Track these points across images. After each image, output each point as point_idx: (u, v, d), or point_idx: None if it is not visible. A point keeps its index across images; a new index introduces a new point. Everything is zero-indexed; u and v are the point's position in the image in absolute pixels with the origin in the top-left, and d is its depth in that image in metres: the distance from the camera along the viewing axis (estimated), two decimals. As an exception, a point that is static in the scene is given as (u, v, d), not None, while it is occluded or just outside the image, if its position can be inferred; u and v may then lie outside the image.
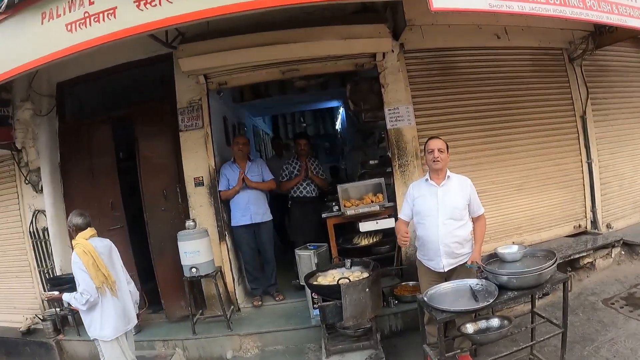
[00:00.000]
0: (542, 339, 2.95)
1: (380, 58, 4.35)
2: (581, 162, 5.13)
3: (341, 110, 8.59)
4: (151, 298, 4.66)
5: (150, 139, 4.39)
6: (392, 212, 4.45)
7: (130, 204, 4.73)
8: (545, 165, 4.96)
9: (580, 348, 3.19)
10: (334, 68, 4.49)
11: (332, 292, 3.22)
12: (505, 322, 2.86)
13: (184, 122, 4.37)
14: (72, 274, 4.11)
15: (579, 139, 5.15)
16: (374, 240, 4.68)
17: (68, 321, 4.46)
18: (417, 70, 4.59)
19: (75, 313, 4.17)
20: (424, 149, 3.17)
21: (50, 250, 4.66)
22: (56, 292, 3.32)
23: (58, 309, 4.29)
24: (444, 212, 3.00)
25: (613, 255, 4.72)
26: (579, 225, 5.13)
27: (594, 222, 5.13)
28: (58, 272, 4.57)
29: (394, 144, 4.45)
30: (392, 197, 4.57)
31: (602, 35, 4.75)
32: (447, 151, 3.11)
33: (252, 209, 4.50)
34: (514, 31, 4.71)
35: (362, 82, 4.82)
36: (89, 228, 3.13)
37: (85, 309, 2.97)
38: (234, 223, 4.54)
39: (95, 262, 2.95)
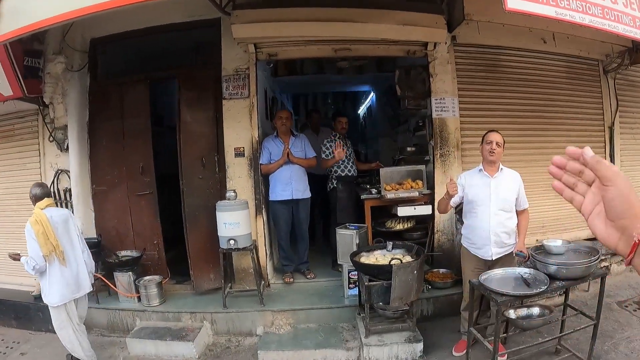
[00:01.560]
0: (574, 329, 3.48)
1: (431, 48, 4.76)
2: None
3: (371, 95, 8.96)
4: (174, 268, 4.93)
5: (191, 104, 4.58)
6: (429, 200, 4.93)
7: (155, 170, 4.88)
8: None
9: (600, 343, 3.64)
10: (386, 52, 4.86)
11: (381, 272, 3.58)
12: (546, 310, 3.40)
13: (229, 90, 4.59)
14: (94, 237, 4.48)
15: (605, 148, 5.82)
16: (408, 225, 5.14)
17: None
18: (465, 64, 5.04)
19: (96, 279, 4.35)
20: (482, 140, 3.59)
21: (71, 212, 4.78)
22: (18, 252, 3.56)
23: None
24: (496, 203, 3.44)
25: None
26: None
27: None
28: None
29: (437, 133, 4.89)
30: (428, 184, 5.02)
31: (638, 52, 5.37)
32: (503, 146, 3.52)
33: (293, 184, 4.79)
34: (560, 38, 5.22)
35: (412, 69, 5.22)
36: (46, 198, 3.49)
37: (33, 273, 3.39)
38: (273, 197, 4.82)
39: (45, 231, 3.31)
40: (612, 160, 5.84)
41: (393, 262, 3.60)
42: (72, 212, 4.71)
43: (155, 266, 4.80)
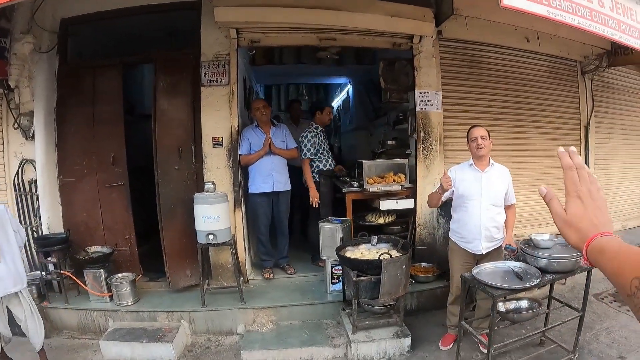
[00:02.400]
0: (561, 322, 3.60)
1: (417, 41, 4.81)
2: None
3: (348, 87, 8.98)
4: (146, 265, 4.74)
5: (168, 90, 4.40)
6: (411, 193, 4.99)
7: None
8: (550, 167, 5.82)
9: (581, 334, 3.71)
10: (371, 43, 4.84)
11: (370, 267, 3.56)
12: (535, 303, 3.49)
13: (208, 77, 4.44)
14: (62, 233, 4.25)
15: (580, 146, 6.10)
16: (389, 219, 5.14)
17: (53, 287, 4.39)
18: (449, 58, 5.13)
19: (64, 277, 4.21)
20: (467, 137, 3.63)
21: (37, 206, 4.51)
22: None
23: (43, 272, 4.21)
24: (487, 197, 3.50)
25: (600, 257, 5.67)
26: None
27: None
28: (45, 231, 4.43)
29: (420, 127, 4.95)
30: (410, 178, 5.07)
31: (616, 55, 5.69)
32: (489, 137, 3.57)
33: (274, 176, 4.71)
34: (543, 37, 5.44)
35: (396, 62, 5.25)
36: None
37: None
38: (253, 190, 4.72)
39: None
40: (587, 158, 6.13)
41: (382, 256, 3.56)
42: (38, 205, 4.50)
43: (127, 263, 4.59)
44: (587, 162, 6.11)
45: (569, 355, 3.47)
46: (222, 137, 4.52)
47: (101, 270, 4.21)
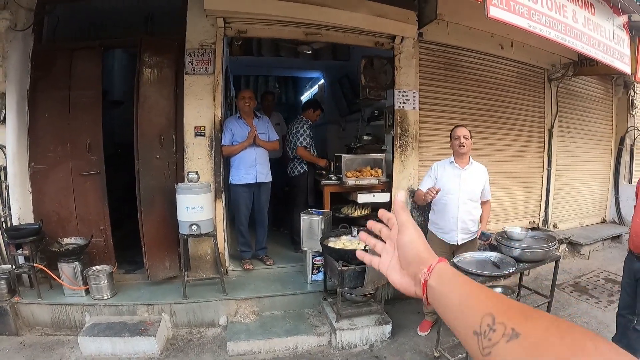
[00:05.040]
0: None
1: (398, 42, 5.22)
2: (543, 168, 6.90)
3: (321, 82, 9.33)
4: (120, 256, 4.80)
5: (151, 76, 4.49)
6: (386, 187, 5.43)
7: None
8: (515, 166, 6.51)
9: None
10: (355, 41, 5.18)
11: (355, 257, 3.85)
12: (509, 290, 3.94)
13: (192, 65, 4.59)
14: (33, 223, 4.24)
15: (544, 148, 6.88)
16: (365, 212, 5.53)
17: (22, 280, 4.35)
18: (427, 60, 5.61)
19: (37, 271, 4.16)
20: (450, 135, 4.07)
21: (6, 195, 4.41)
22: None
23: (13, 266, 4.14)
24: (465, 192, 3.95)
25: (561, 250, 6.34)
26: (534, 222, 6.93)
27: (545, 221, 6.96)
28: (15, 222, 4.38)
29: (398, 124, 5.37)
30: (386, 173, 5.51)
31: (582, 65, 6.47)
32: (471, 138, 4.02)
33: (257, 167, 4.94)
34: (516, 45, 6.10)
35: (374, 60, 5.66)
36: None
37: None
38: (235, 181, 4.92)
39: None
40: (549, 159, 6.88)
41: (368, 247, 3.85)
42: (8, 194, 4.42)
43: (102, 254, 4.64)
44: (549, 163, 6.87)
45: None
46: (204, 127, 4.68)
47: (76, 263, 4.21)
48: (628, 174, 8.48)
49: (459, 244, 4.00)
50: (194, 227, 4.22)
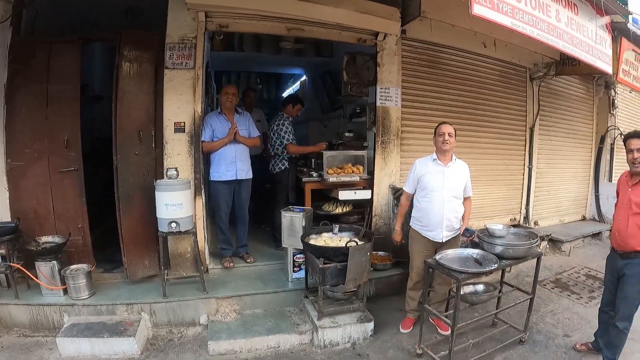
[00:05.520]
0: (515, 303, 4.13)
1: (381, 38, 5.21)
2: (524, 166, 6.99)
3: (303, 78, 9.31)
4: (98, 255, 4.67)
5: (131, 71, 4.39)
6: (368, 184, 5.42)
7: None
8: (497, 164, 6.57)
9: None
10: (338, 37, 5.15)
11: (337, 254, 3.86)
12: (491, 287, 3.92)
13: (172, 59, 4.49)
14: (9, 222, 4.11)
15: (525, 146, 6.98)
16: (346, 209, 5.53)
17: (0, 281, 4.22)
18: (410, 57, 5.62)
19: (14, 270, 4.03)
20: (434, 132, 4.05)
21: None
22: None
23: None
24: (449, 190, 3.94)
25: (542, 247, 6.38)
26: (515, 219, 7.02)
27: (526, 218, 7.08)
28: None
29: (380, 121, 5.38)
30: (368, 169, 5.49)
31: (564, 65, 6.57)
32: (455, 136, 4.00)
33: (238, 164, 4.89)
34: (499, 44, 6.17)
35: (357, 56, 5.65)
36: None
37: None
38: (215, 177, 4.86)
39: None
40: (530, 157, 7.02)
41: (349, 244, 3.86)
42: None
43: (80, 253, 4.51)
44: (530, 161, 6.99)
45: (520, 335, 4.02)
46: (184, 123, 4.59)
47: (54, 262, 4.11)
48: (608, 173, 8.64)
49: (444, 241, 3.99)
50: (173, 225, 4.14)
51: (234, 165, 4.85)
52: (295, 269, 4.70)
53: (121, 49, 4.34)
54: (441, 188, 3.92)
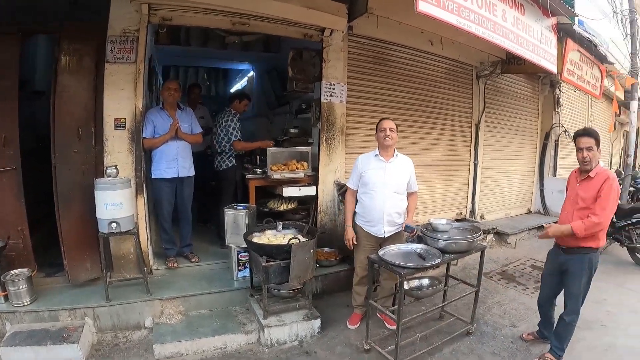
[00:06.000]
0: (460, 296, 4.17)
1: (328, 34, 5.20)
2: (469, 161, 7.22)
3: (251, 74, 9.21)
4: (39, 258, 4.41)
5: (71, 65, 4.18)
6: (313, 181, 5.40)
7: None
8: (443, 159, 6.73)
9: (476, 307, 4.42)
10: (284, 32, 5.08)
11: (280, 252, 3.82)
12: (436, 281, 3.94)
13: (114, 53, 4.30)
14: None
15: (471, 142, 7.18)
16: (291, 206, 5.49)
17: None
18: (356, 54, 5.63)
19: None
20: (376, 128, 4.05)
21: None
22: None
23: None
24: (390, 185, 3.95)
25: (488, 240, 6.57)
26: (461, 213, 7.25)
27: (472, 212, 7.29)
28: None
29: (324, 117, 5.38)
30: (313, 166, 5.49)
31: (510, 64, 6.81)
32: (396, 131, 4.01)
33: (179, 161, 4.76)
34: (445, 42, 6.26)
35: (303, 52, 5.63)
36: None
37: None
38: (156, 175, 4.71)
39: None
40: (476, 153, 7.22)
41: (292, 241, 3.83)
42: None
43: (20, 257, 4.24)
44: (476, 157, 7.21)
45: (467, 326, 4.11)
46: (125, 119, 4.41)
47: (-7, 268, 3.88)
48: (552, 168, 8.99)
49: (386, 236, 4.00)
50: (114, 225, 3.97)
51: (175, 162, 4.72)
52: (240, 267, 4.63)
53: (61, 42, 4.13)
54: (382, 184, 3.93)
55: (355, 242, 4.09)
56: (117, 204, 3.95)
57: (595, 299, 4.78)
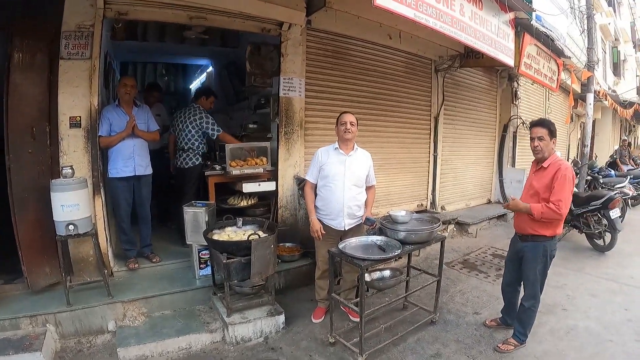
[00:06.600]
0: (422, 286, 4.26)
1: (286, 28, 5.19)
2: (429, 154, 7.42)
3: (209, 69, 9.08)
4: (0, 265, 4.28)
5: (23, 62, 3.99)
6: (272, 176, 5.39)
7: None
8: (402, 152, 6.86)
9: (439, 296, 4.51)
10: (241, 27, 5.01)
11: (239, 249, 3.81)
12: (397, 272, 3.97)
13: (68, 49, 4.14)
14: None
15: (430, 135, 7.32)
16: (251, 202, 5.47)
17: None
18: (315, 48, 5.65)
19: None
20: (337, 121, 4.07)
21: None
22: None
23: None
24: (349, 178, 3.99)
25: (449, 231, 6.74)
26: (422, 205, 7.40)
27: (433, 204, 7.47)
28: None
29: (283, 112, 5.38)
30: (272, 161, 5.47)
31: (468, 57, 6.97)
32: (357, 125, 4.04)
33: (136, 159, 4.64)
34: (404, 36, 6.32)
35: (262, 46, 5.61)
36: None
37: None
38: (113, 174, 4.59)
39: None
40: (435, 145, 7.37)
41: (251, 237, 3.81)
42: None
43: (-23, 265, 4.10)
44: (435, 149, 7.40)
45: (431, 316, 4.20)
46: (80, 117, 4.26)
47: (-51, 277, 3.72)
48: (511, 159, 9.25)
49: (346, 229, 4.04)
50: (71, 227, 3.84)
51: (132, 160, 4.60)
52: (201, 265, 4.59)
53: (13, 38, 3.94)
54: (342, 176, 3.96)
55: (324, 232, 4.08)
56: (73, 205, 3.83)
57: (555, 284, 5.02)
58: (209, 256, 4.43)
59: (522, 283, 3.80)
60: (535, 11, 6.19)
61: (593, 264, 6.02)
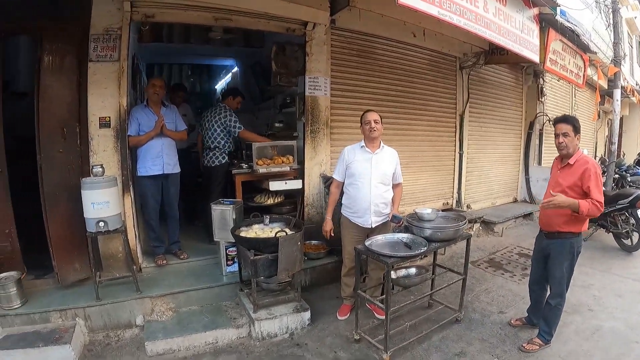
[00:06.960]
0: (447, 284, 4.22)
1: (310, 28, 5.21)
2: (455, 152, 7.32)
3: (235, 69, 9.16)
4: (28, 260, 4.31)
5: (53, 65, 4.09)
6: (298, 174, 5.42)
7: None
8: (428, 150, 6.78)
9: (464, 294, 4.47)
10: (266, 27, 5.06)
11: (267, 245, 3.82)
12: (423, 270, 3.93)
13: (97, 52, 4.24)
14: None
15: (456, 133, 7.23)
16: (278, 200, 5.51)
17: None
18: (340, 47, 5.65)
19: None
20: (361, 120, 4.06)
21: None
22: None
23: None
24: (376, 176, 3.97)
25: (475, 229, 6.62)
26: (447, 203, 7.31)
27: (459, 202, 7.36)
28: None
29: (309, 110, 5.40)
30: (298, 159, 5.48)
31: (493, 54, 6.88)
32: (381, 122, 4.02)
33: (164, 158, 4.72)
34: (428, 34, 6.28)
35: (286, 46, 5.64)
36: None
37: None
38: (142, 172, 4.68)
39: None
40: (461, 143, 7.28)
41: (279, 234, 3.83)
42: None
43: (9, 260, 4.17)
44: (461, 147, 7.30)
45: (456, 314, 4.15)
46: (109, 117, 4.36)
47: (-18, 272, 3.85)
48: (537, 157, 9.06)
49: (373, 226, 4.03)
50: (101, 224, 3.92)
51: (160, 159, 4.68)
52: (228, 262, 4.64)
53: (43, 42, 4.05)
54: (369, 175, 3.95)
55: (333, 234, 4.13)
56: (103, 202, 3.91)
57: (582, 284, 4.93)
58: (236, 253, 4.47)
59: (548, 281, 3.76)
60: (559, 6, 6.05)
61: (620, 264, 5.87)
